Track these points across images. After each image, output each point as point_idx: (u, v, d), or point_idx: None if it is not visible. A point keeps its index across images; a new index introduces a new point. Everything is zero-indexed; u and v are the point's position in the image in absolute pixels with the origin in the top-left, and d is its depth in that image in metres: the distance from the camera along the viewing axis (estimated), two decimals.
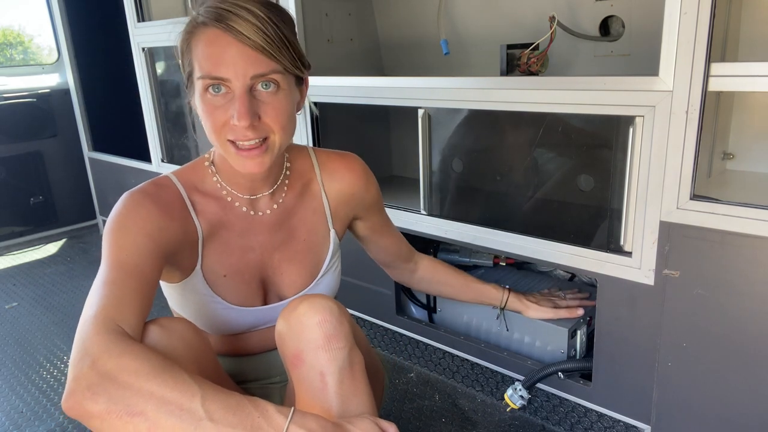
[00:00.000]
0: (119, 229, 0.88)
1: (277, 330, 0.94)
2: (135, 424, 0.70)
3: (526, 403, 1.55)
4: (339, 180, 1.14)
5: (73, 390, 0.72)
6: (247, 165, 0.92)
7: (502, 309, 1.51)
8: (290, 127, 0.95)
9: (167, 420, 0.70)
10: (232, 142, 0.91)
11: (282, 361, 0.99)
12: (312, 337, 0.88)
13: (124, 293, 0.82)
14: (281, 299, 1.08)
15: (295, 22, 1.87)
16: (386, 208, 1.82)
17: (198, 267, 1.00)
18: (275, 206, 1.06)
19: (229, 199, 1.02)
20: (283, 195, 1.07)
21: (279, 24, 0.89)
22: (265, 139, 0.91)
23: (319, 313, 0.89)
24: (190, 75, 0.93)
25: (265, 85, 0.89)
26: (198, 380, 0.74)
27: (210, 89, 0.89)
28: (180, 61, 0.96)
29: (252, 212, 1.04)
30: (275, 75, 0.89)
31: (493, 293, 1.49)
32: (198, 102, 0.92)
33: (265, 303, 1.08)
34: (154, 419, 0.70)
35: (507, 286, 1.52)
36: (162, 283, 1.05)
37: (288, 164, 1.08)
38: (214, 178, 1.02)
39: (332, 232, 1.13)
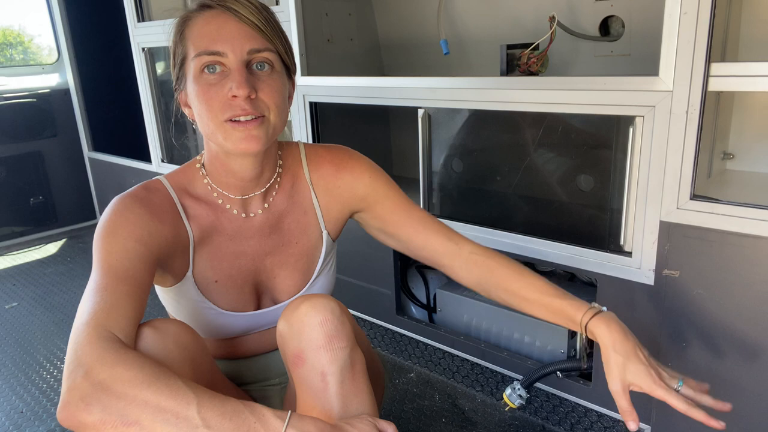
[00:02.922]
0: (109, 235, 0.88)
1: (278, 330, 0.94)
2: None
3: (524, 403, 1.55)
4: (325, 175, 1.10)
5: (68, 401, 0.71)
6: (244, 140, 0.90)
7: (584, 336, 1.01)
8: (284, 110, 0.95)
9: (163, 429, 0.70)
10: (228, 121, 0.90)
11: (281, 363, 0.98)
12: (313, 336, 0.88)
13: (115, 299, 0.81)
14: (275, 303, 1.08)
15: (296, 21, 1.89)
16: None
17: (189, 272, 0.99)
18: (266, 205, 1.04)
19: (220, 201, 1.01)
20: (274, 194, 1.05)
21: (272, 14, 0.93)
22: (259, 116, 0.91)
23: (320, 313, 0.89)
24: (182, 63, 0.93)
25: (260, 65, 0.90)
26: (193, 387, 0.74)
27: (205, 69, 0.89)
28: (171, 57, 0.96)
29: (243, 214, 1.03)
30: (269, 54, 0.91)
31: (570, 313, 0.99)
32: (192, 85, 0.91)
33: (259, 307, 1.07)
34: (149, 428, 0.70)
35: (594, 305, 0.99)
36: (156, 288, 1.05)
37: (281, 162, 1.07)
38: (205, 181, 1.01)
39: (324, 234, 1.10)
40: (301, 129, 1.97)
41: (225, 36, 0.88)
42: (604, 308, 0.98)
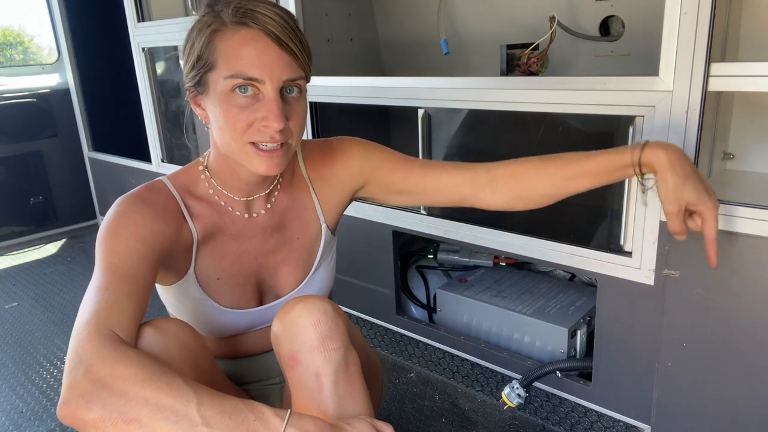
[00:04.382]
0: (112, 235, 0.88)
1: (272, 332, 0.94)
2: (130, 431, 0.70)
3: (523, 402, 1.55)
4: (320, 166, 1.11)
5: (68, 398, 0.71)
6: (265, 165, 0.91)
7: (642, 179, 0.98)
8: (303, 131, 0.97)
9: (162, 426, 0.70)
10: (252, 144, 0.90)
11: None
12: (307, 338, 0.88)
13: (117, 298, 0.81)
14: (277, 298, 1.09)
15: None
16: (386, 208, 1.83)
17: (191, 270, 1.00)
18: (269, 205, 1.05)
19: (222, 203, 1.02)
20: (276, 194, 1.07)
21: (304, 35, 0.92)
22: (284, 144, 0.92)
23: (313, 315, 0.89)
24: (206, 72, 0.90)
25: (289, 89, 0.91)
26: (193, 385, 0.74)
27: (237, 89, 0.88)
28: (192, 59, 0.92)
29: (246, 215, 1.03)
30: (302, 81, 0.92)
31: (618, 161, 0.97)
32: (217, 101, 0.90)
33: (261, 303, 1.08)
34: (149, 426, 0.70)
35: (637, 142, 0.97)
36: (157, 287, 1.05)
37: None
38: (207, 184, 1.01)
39: (324, 227, 1.11)
40: None
41: (264, 63, 0.86)
42: (648, 140, 0.96)
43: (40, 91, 3.27)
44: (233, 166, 0.97)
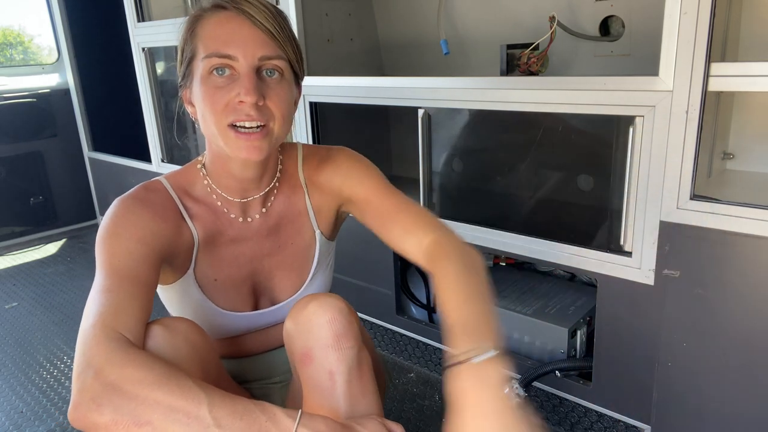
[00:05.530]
0: (111, 237, 0.88)
1: (285, 329, 0.94)
2: None
3: (522, 402, 1.55)
4: (313, 172, 1.09)
5: (78, 402, 0.71)
6: (244, 149, 0.89)
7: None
8: (289, 119, 0.95)
9: (175, 428, 0.70)
10: (232, 127, 0.89)
11: (283, 361, 0.98)
12: (321, 335, 0.88)
13: (121, 299, 0.81)
14: (273, 304, 1.08)
15: (296, 22, 1.89)
16: None
17: (191, 270, 1.00)
18: (264, 210, 1.04)
19: (219, 203, 1.01)
20: (273, 198, 1.06)
21: (286, 21, 0.92)
22: (264, 126, 0.90)
23: (328, 312, 0.89)
24: (190, 61, 0.91)
25: (270, 72, 0.90)
26: (204, 386, 0.74)
27: (214, 71, 0.88)
28: (179, 54, 0.94)
29: (241, 218, 1.03)
30: (280, 62, 0.90)
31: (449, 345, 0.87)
32: (198, 86, 0.90)
33: (257, 307, 1.07)
34: (161, 428, 0.70)
35: (472, 349, 0.79)
36: (158, 288, 1.05)
37: (281, 166, 1.07)
38: (205, 182, 1.01)
39: (318, 233, 1.10)
40: (301, 129, 1.97)
41: (238, 40, 0.87)
42: (489, 353, 0.77)
43: (40, 91, 3.27)
44: (226, 162, 0.97)
